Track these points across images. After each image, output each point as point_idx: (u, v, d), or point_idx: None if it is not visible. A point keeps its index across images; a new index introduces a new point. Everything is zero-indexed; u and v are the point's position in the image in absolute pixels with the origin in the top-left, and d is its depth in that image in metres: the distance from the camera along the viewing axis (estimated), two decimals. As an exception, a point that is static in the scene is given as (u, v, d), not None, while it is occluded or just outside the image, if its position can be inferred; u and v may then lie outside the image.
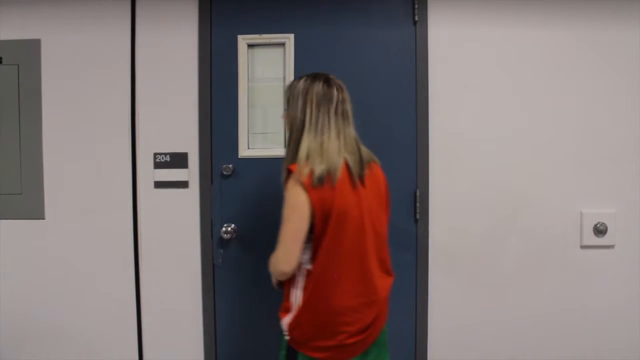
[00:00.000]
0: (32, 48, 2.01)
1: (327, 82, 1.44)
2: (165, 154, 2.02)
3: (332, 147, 1.39)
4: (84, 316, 2.07)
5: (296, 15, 1.98)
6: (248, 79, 2.01)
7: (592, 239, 1.97)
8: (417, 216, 1.99)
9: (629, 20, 1.96)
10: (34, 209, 2.04)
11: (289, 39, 1.98)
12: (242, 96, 1.99)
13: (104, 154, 2.03)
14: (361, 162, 1.44)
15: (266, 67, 2.01)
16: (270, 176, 1.96)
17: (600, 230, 1.97)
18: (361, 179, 1.43)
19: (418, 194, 1.99)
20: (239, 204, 2.01)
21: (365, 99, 1.98)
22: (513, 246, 2.00)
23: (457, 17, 1.98)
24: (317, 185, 1.35)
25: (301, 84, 1.45)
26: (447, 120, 1.99)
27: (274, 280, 1.53)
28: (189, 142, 2.02)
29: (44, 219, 2.05)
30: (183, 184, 2.02)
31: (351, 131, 1.46)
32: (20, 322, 2.08)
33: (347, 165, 1.41)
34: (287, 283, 1.48)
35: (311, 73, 1.48)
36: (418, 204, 1.98)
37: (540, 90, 1.98)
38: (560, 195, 1.99)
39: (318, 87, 1.43)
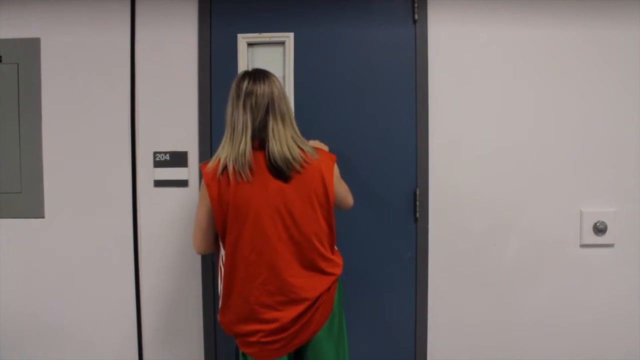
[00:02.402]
0: (31, 47, 2.01)
1: (243, 75, 1.46)
2: (165, 153, 2.02)
3: (238, 141, 1.39)
4: (84, 315, 2.07)
5: (296, 14, 1.99)
6: None
7: (591, 237, 1.97)
8: (417, 215, 1.99)
9: (630, 19, 1.96)
10: (33, 208, 2.04)
11: (289, 37, 1.98)
12: None
13: (103, 153, 2.03)
14: (276, 159, 1.40)
15: (266, 66, 2.00)
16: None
17: (600, 229, 1.97)
18: (279, 175, 1.41)
19: (418, 193, 1.99)
20: None
21: (365, 98, 1.98)
22: (513, 245, 2.00)
23: (457, 16, 1.98)
24: (217, 180, 1.40)
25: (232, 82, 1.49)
26: (447, 119, 1.99)
27: None
28: (188, 141, 2.02)
29: (43, 217, 2.05)
30: (183, 183, 2.02)
31: (272, 124, 1.42)
32: (20, 321, 2.08)
33: (264, 161, 1.41)
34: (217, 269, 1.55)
35: None
36: (418, 203, 1.98)
37: (541, 90, 1.98)
38: (560, 194, 1.99)
39: (235, 82, 1.46)
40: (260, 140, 1.42)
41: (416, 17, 1.97)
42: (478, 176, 2.00)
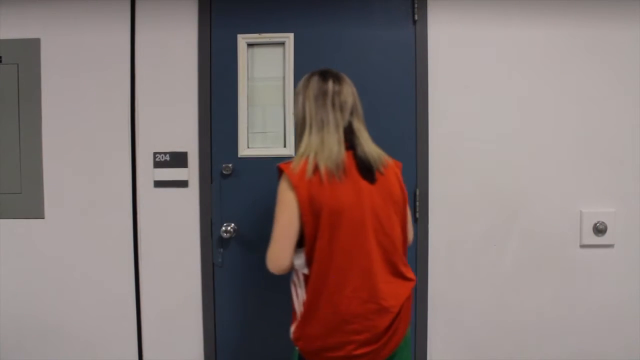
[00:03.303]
0: (31, 47, 2.01)
1: (323, 75, 1.41)
2: (165, 154, 2.02)
3: (332, 141, 1.34)
4: (84, 316, 2.07)
5: (296, 14, 1.99)
6: (248, 78, 2.01)
7: (591, 238, 1.97)
8: (417, 215, 1.99)
9: (630, 19, 1.96)
10: (33, 209, 2.04)
11: (289, 38, 1.98)
12: (241, 95, 1.99)
13: (103, 153, 2.03)
14: (367, 159, 1.37)
15: (266, 67, 2.01)
16: (270, 176, 1.96)
17: (600, 230, 1.97)
18: (367, 176, 1.36)
19: (418, 193, 1.99)
20: (238, 203, 2.01)
21: (365, 98, 1.96)
22: (513, 245, 2.00)
23: (457, 17, 1.98)
24: (307, 181, 1.30)
25: (301, 81, 1.44)
26: (447, 119, 1.99)
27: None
28: (188, 141, 2.02)
29: (43, 218, 2.05)
30: (183, 184, 2.02)
31: (356, 124, 1.40)
32: (19, 321, 2.08)
33: (354, 161, 1.36)
34: (290, 289, 1.43)
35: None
36: (418, 203, 1.99)
37: (540, 90, 1.98)
38: (560, 195, 1.99)
39: (314, 81, 1.40)
40: (347, 140, 1.37)
41: (416, 17, 1.97)
42: (478, 176, 1.99)
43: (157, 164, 2.02)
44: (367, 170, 1.36)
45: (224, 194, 2.01)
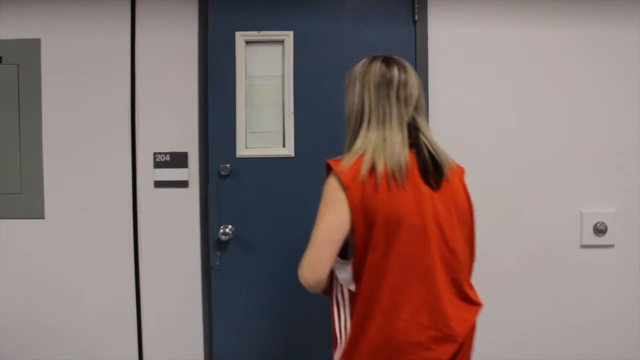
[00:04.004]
0: (32, 47, 2.01)
1: (386, 61, 1.22)
2: (165, 154, 2.02)
3: (395, 139, 1.15)
4: (84, 316, 2.07)
5: (296, 12, 1.97)
6: (246, 77, 1.98)
7: (592, 238, 1.97)
8: (417, 216, 1.99)
9: (630, 20, 1.96)
10: (33, 209, 2.04)
11: (288, 36, 1.96)
12: (239, 94, 1.97)
13: (103, 154, 2.03)
14: (433, 162, 1.19)
15: (265, 65, 1.99)
16: (270, 176, 1.96)
17: (600, 230, 1.97)
18: (431, 181, 1.18)
19: (418, 193, 1.98)
20: (237, 204, 1.98)
21: (365, 98, 1.97)
22: (513, 246, 2.00)
23: (458, 17, 1.98)
24: (361, 182, 1.12)
25: (358, 66, 1.24)
26: (447, 119, 1.98)
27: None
28: (189, 141, 2.02)
29: (43, 218, 2.05)
30: (183, 184, 2.02)
31: (420, 121, 1.22)
32: (19, 321, 2.08)
33: (417, 163, 1.17)
34: (331, 307, 1.24)
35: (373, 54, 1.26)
36: (418, 204, 1.98)
37: (541, 90, 1.98)
38: (560, 195, 1.98)
39: (376, 67, 1.21)
40: (411, 139, 1.19)
41: (416, 17, 1.97)
42: (478, 177, 1.99)
43: (157, 164, 2.02)
44: (431, 174, 1.18)
45: (222, 195, 1.98)
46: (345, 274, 1.18)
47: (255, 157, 1.98)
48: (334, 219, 1.13)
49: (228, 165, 1.96)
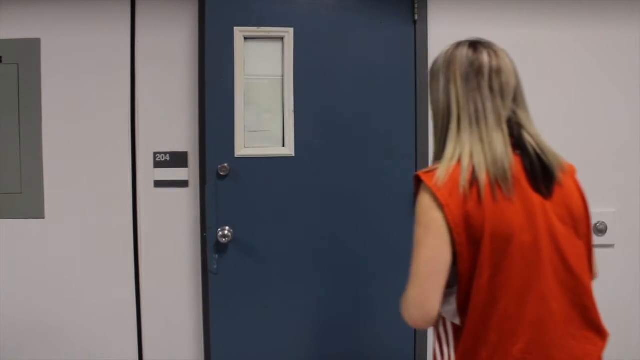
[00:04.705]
0: (32, 47, 2.01)
1: (474, 46, 1.04)
2: (165, 153, 2.02)
3: (494, 140, 0.97)
4: (84, 316, 2.07)
5: (296, 9, 1.94)
6: (244, 74, 1.93)
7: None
8: (417, 215, 1.98)
9: (630, 20, 1.96)
10: (33, 209, 2.04)
11: (288, 33, 1.93)
12: (238, 91, 1.92)
13: (103, 153, 2.03)
14: (542, 164, 1.01)
15: (264, 62, 1.95)
16: (270, 176, 1.95)
17: (600, 230, 1.97)
18: (541, 188, 0.99)
19: (418, 193, 1.98)
20: (236, 205, 1.93)
21: (365, 97, 1.98)
22: (513, 245, 2.00)
23: (458, 17, 1.98)
24: (461, 196, 0.94)
25: (441, 55, 1.07)
26: (447, 119, 1.98)
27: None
28: (189, 141, 2.02)
29: (43, 218, 2.05)
30: (183, 184, 2.02)
31: (522, 115, 1.05)
32: (19, 321, 2.08)
33: (523, 167, 0.99)
34: (433, 343, 1.10)
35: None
36: (418, 204, 1.98)
37: (540, 90, 1.98)
38: (560, 195, 1.98)
39: (461, 54, 1.03)
40: (513, 137, 1.02)
41: (416, 17, 1.97)
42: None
43: (158, 164, 2.02)
44: (541, 179, 1.00)
45: (222, 195, 1.92)
46: (448, 306, 1.01)
47: (254, 156, 1.94)
48: (435, 246, 0.96)
49: (227, 165, 1.90)
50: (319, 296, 1.98)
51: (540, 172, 1.00)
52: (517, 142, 1.01)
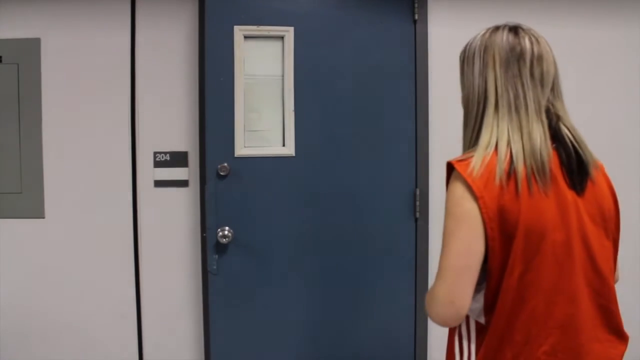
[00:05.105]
0: (32, 47, 2.01)
1: (515, 30, 0.97)
2: (165, 153, 2.02)
3: (534, 130, 0.92)
4: (84, 316, 2.07)
5: (297, 8, 1.93)
6: (244, 73, 1.91)
7: (592, 238, 1.97)
8: (417, 215, 1.99)
9: (630, 20, 1.96)
10: (33, 208, 2.04)
11: (289, 32, 1.92)
12: (238, 90, 1.90)
13: (104, 153, 2.03)
14: (579, 159, 0.97)
15: (264, 62, 1.94)
16: (270, 176, 1.95)
17: (600, 229, 1.96)
18: (576, 184, 0.95)
19: (418, 193, 1.98)
20: (236, 205, 1.91)
21: (366, 97, 1.97)
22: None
23: (458, 16, 1.98)
24: (497, 188, 0.89)
25: (477, 39, 0.99)
26: (447, 118, 1.98)
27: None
28: (189, 140, 2.02)
29: (44, 218, 2.05)
30: (183, 183, 2.02)
31: (559, 106, 1.00)
32: (20, 321, 2.08)
33: (560, 161, 0.95)
34: (451, 340, 1.09)
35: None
36: (418, 203, 1.98)
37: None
38: (560, 195, 1.98)
39: (501, 38, 0.96)
40: (551, 129, 0.96)
41: (416, 16, 1.97)
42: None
43: (158, 164, 2.02)
44: (576, 175, 0.96)
45: (221, 195, 1.89)
46: (475, 304, 0.95)
47: (254, 156, 1.92)
48: (468, 238, 0.91)
49: (227, 164, 1.87)
50: (319, 296, 1.98)
51: (576, 168, 0.96)
52: (555, 134, 0.96)
